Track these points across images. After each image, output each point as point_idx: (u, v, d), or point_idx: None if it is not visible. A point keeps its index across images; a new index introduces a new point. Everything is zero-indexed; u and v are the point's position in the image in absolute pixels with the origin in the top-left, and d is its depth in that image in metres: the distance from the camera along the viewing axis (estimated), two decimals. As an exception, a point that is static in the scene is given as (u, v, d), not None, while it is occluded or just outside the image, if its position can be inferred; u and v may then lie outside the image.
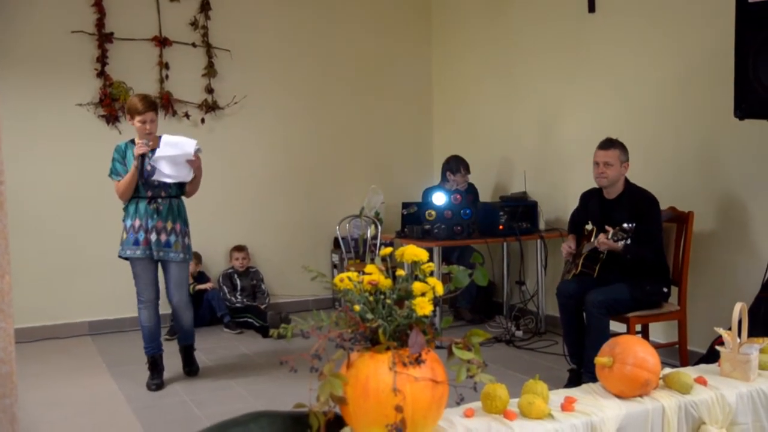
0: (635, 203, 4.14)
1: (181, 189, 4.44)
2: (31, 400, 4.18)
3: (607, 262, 4.18)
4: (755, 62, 3.52)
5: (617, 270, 4.13)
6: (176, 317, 4.60)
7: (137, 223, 4.31)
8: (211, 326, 5.91)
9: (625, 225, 3.88)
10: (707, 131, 4.49)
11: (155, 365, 4.47)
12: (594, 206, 4.36)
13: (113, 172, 4.34)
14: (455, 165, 5.95)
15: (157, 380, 4.43)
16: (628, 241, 3.90)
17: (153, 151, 4.29)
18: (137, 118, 4.25)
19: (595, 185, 4.34)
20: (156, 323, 4.47)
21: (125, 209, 4.39)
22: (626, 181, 4.24)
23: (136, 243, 4.31)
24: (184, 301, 4.51)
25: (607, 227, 3.99)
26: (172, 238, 4.35)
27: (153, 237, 4.31)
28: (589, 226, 4.47)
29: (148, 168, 4.28)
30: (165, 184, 4.31)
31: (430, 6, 7.15)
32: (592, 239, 4.24)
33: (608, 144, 4.18)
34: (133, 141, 4.39)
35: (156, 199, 4.32)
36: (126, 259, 4.38)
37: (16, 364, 1.49)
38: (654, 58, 4.82)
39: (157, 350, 4.48)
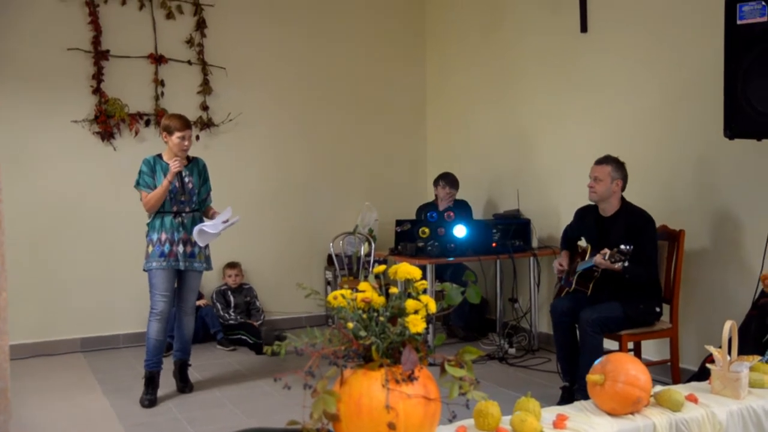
0: (631, 222, 4.14)
1: (202, 204, 4.63)
2: (23, 416, 4.16)
3: (601, 281, 4.18)
4: (744, 82, 3.56)
5: (611, 288, 4.14)
6: (179, 323, 4.65)
7: (163, 236, 4.44)
8: (205, 343, 5.89)
9: (623, 247, 3.87)
10: (699, 149, 4.53)
11: (152, 381, 4.46)
12: (590, 223, 4.38)
13: (141, 184, 4.46)
14: (435, 180, 6.05)
15: (150, 396, 4.41)
16: (626, 264, 3.91)
17: (185, 167, 4.52)
18: (177, 134, 4.41)
19: (590, 202, 4.36)
20: (163, 339, 4.52)
21: (150, 224, 4.51)
22: (622, 199, 4.25)
23: (162, 255, 4.43)
24: (191, 306, 4.66)
25: (603, 250, 3.98)
26: (196, 249, 4.52)
27: (180, 249, 4.46)
28: (583, 243, 4.48)
29: (177, 184, 4.45)
30: (191, 200, 4.52)
31: (424, 25, 7.21)
32: (587, 257, 4.26)
33: (602, 160, 4.22)
34: (159, 156, 4.53)
35: (181, 213, 4.48)
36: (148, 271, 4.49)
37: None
38: (645, 76, 4.87)
39: (157, 366, 4.49)
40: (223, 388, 4.74)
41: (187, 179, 4.52)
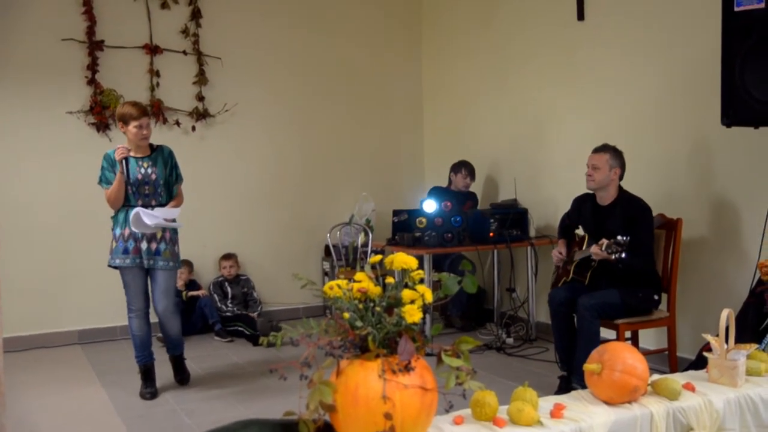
0: (628, 211, 4.14)
1: (170, 197, 4.42)
2: (20, 409, 4.15)
3: (599, 270, 4.18)
4: (741, 69, 3.54)
5: (609, 278, 4.13)
6: (163, 326, 4.49)
7: (126, 231, 4.27)
8: (203, 334, 5.90)
9: (619, 238, 3.86)
10: (696, 138, 4.52)
11: (148, 374, 4.44)
12: (587, 212, 4.37)
13: (102, 180, 4.31)
14: (457, 166, 6.08)
15: (151, 389, 4.39)
16: (623, 255, 3.90)
17: (148, 157, 4.32)
18: (133, 124, 4.23)
19: (588, 191, 4.35)
20: (147, 332, 4.43)
21: (114, 218, 4.35)
22: (620, 188, 4.25)
23: (126, 252, 4.27)
24: (171, 309, 4.45)
25: (600, 241, 3.98)
26: (162, 246, 4.32)
27: (143, 245, 4.27)
28: (580, 232, 4.48)
29: (139, 177, 4.27)
30: (155, 191, 4.32)
31: (420, 15, 7.18)
32: (584, 247, 4.25)
33: (600, 148, 4.21)
34: None
35: (146, 207, 4.28)
36: (115, 268, 4.35)
37: (5, 374, 1.49)
38: (643, 64, 4.86)
39: (148, 359, 4.45)
40: (221, 380, 4.74)
41: (150, 170, 4.30)
